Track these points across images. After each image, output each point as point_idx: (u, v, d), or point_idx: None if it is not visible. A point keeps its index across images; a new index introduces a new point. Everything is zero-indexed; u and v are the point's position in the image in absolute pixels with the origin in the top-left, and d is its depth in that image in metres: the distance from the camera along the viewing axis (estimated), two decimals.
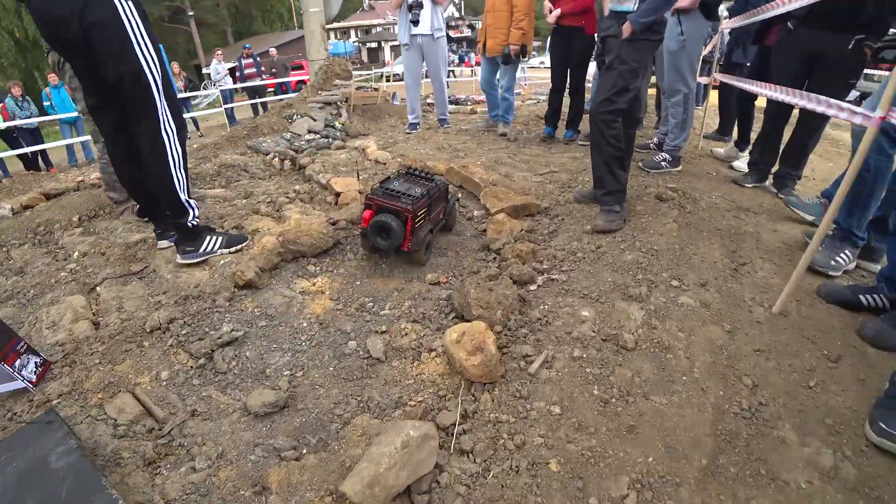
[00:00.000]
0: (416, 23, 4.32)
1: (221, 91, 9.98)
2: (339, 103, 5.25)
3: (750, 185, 3.12)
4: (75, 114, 7.22)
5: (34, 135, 7.74)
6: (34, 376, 1.62)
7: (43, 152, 7.83)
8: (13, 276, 2.37)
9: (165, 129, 2.00)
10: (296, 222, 2.27)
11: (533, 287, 1.86)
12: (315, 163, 3.52)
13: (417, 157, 3.64)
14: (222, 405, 1.51)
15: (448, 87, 5.62)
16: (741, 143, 3.99)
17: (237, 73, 10.70)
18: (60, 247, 2.67)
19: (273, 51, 12.13)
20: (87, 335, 1.82)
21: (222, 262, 2.24)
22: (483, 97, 5.25)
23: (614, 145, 2.26)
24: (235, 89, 10.79)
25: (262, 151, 4.22)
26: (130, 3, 1.82)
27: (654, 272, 1.93)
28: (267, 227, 2.58)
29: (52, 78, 7.76)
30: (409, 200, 1.88)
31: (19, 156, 7.47)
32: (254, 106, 10.04)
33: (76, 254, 2.53)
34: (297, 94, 6.11)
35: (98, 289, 2.18)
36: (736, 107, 4.06)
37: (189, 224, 2.16)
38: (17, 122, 7.25)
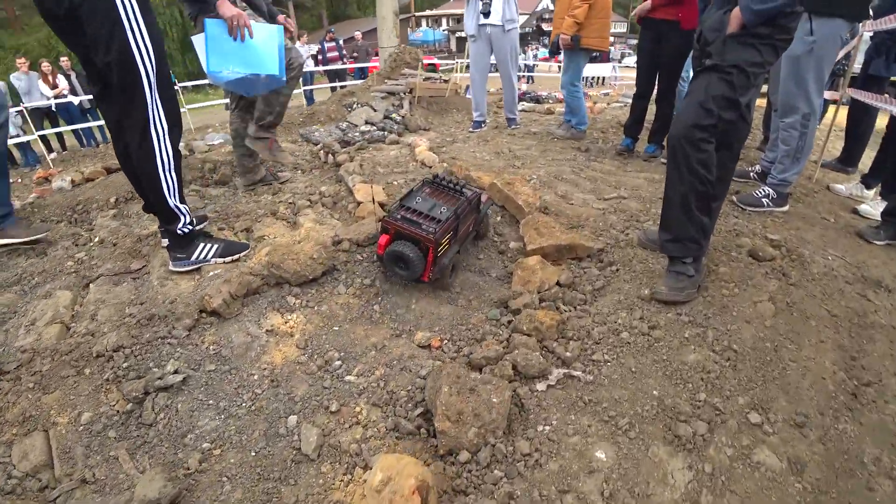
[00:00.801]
0: (486, 14, 3.83)
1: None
2: (402, 94, 4.92)
3: (881, 243, 2.26)
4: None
5: (87, 112, 8.49)
6: None
7: (88, 129, 8.59)
8: (34, 256, 2.36)
9: (155, 125, 1.78)
10: (305, 232, 1.97)
11: (541, 386, 1.36)
12: (353, 161, 3.22)
13: (468, 163, 3.19)
14: (121, 477, 1.25)
15: (519, 82, 5.04)
16: (870, 179, 3.02)
17: (319, 56, 10.85)
18: (89, 229, 2.66)
19: (359, 34, 12.17)
20: (47, 345, 1.68)
21: (212, 272, 2.02)
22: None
23: (700, 176, 1.62)
24: (317, 72, 10.99)
25: (312, 141, 4.04)
26: None
27: (725, 392, 1.33)
28: (274, 236, 2.32)
29: None
30: (431, 226, 1.59)
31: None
32: (333, 89, 10.16)
33: (96, 239, 2.48)
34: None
35: (91, 286, 2.07)
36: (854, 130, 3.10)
37: (179, 231, 1.96)
38: (67, 99, 7.93)
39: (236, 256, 2.09)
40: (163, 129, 1.80)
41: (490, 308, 1.81)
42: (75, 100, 7.86)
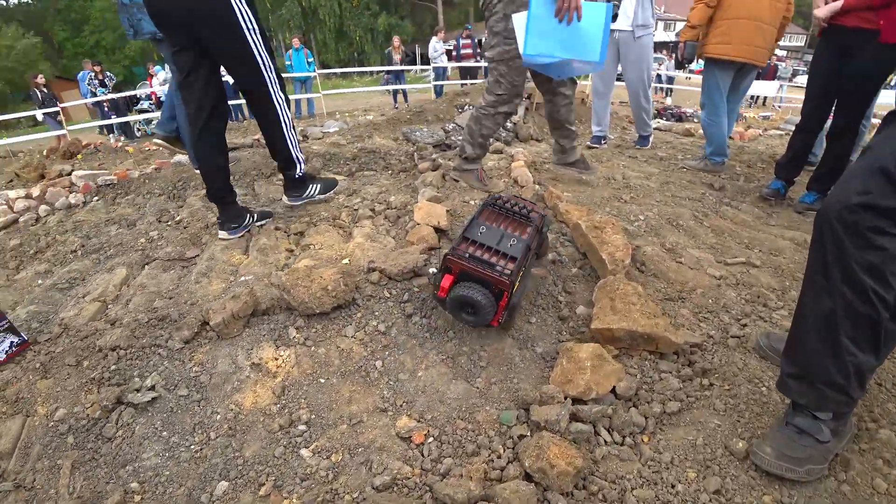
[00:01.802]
0: (614, 16, 3.20)
1: (435, 69, 10.22)
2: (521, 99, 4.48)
3: None
4: (310, 74, 8.54)
5: None
6: (3, 355, 1.58)
7: None
8: (123, 227, 2.56)
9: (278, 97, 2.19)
10: (352, 247, 1.79)
11: None
12: (436, 170, 2.95)
13: (565, 187, 2.70)
14: (51, 492, 1.18)
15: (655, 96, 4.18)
16: None
17: (454, 53, 10.76)
18: (179, 206, 2.83)
19: None
20: (78, 324, 1.74)
21: (244, 278, 1.94)
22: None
23: (863, 288, 0.97)
24: (449, 68, 10.94)
25: (411, 140, 3.87)
26: None
27: None
28: (320, 246, 2.18)
29: (296, 41, 9.29)
30: (504, 265, 1.37)
31: None
32: (463, 86, 10.05)
33: (177, 218, 2.61)
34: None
35: (145, 268, 2.14)
36: None
37: (296, 176, 2.39)
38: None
39: (331, 193, 2.61)
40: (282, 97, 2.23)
41: (508, 405, 1.38)
42: (230, 79, 9.01)
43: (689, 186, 2.94)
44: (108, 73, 9.71)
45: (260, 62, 2.06)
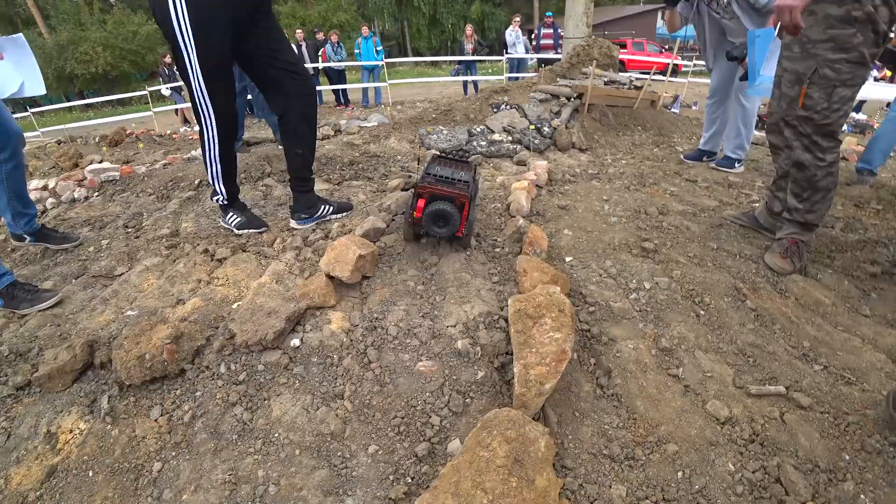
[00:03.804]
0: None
1: (509, 59, 9.25)
2: (568, 99, 3.66)
3: None
4: (378, 63, 8.31)
5: (340, 76, 9.29)
6: None
7: (344, 91, 9.37)
8: (93, 231, 2.50)
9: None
10: (251, 289, 1.42)
11: None
12: (406, 190, 2.42)
13: (556, 228, 2.02)
14: None
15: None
16: None
17: (533, 43, 9.60)
18: (159, 209, 2.72)
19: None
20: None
21: (130, 313, 1.69)
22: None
23: None
24: (529, 59, 9.84)
25: (426, 144, 3.36)
26: None
27: None
28: (225, 280, 1.86)
29: (364, 30, 9.05)
30: (463, 186, 1.69)
31: (333, 91, 9.19)
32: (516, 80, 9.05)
33: (144, 224, 2.49)
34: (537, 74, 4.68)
35: (72, 283, 2.02)
36: None
37: (218, 202, 2.17)
38: (332, 64, 8.90)
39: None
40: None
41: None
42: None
43: (747, 236, 2.01)
44: (167, 62, 10.20)
45: (186, 62, 1.72)
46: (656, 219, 2.18)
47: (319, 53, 9.11)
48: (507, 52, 9.24)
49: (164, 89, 9.16)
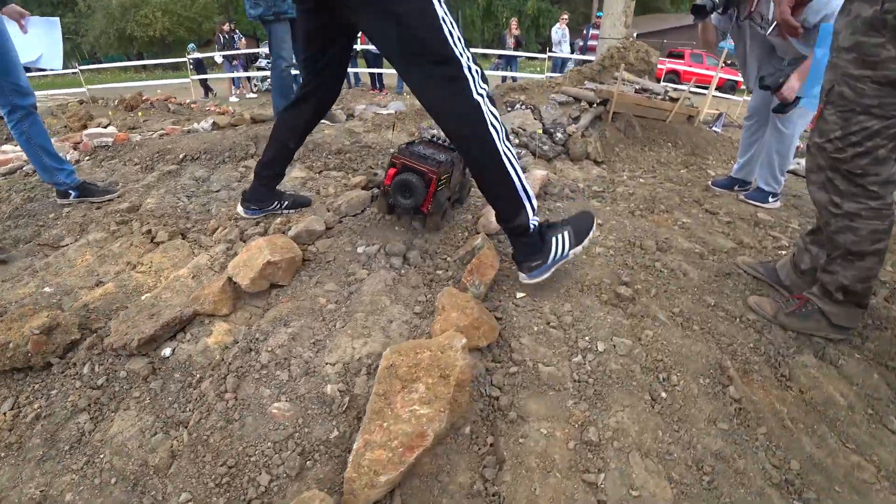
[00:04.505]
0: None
1: (553, 58, 8.61)
2: (590, 104, 3.23)
3: None
4: None
5: (377, 59, 8.97)
6: None
7: (380, 75, 9.07)
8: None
9: None
10: (174, 279, 1.26)
11: None
12: (369, 191, 2.14)
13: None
14: None
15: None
16: None
17: (580, 44, 8.89)
18: (137, 180, 2.62)
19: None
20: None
21: (47, 288, 1.56)
22: None
23: None
24: (571, 60, 9.12)
25: (425, 138, 3.07)
26: None
27: None
28: (149, 266, 1.69)
29: None
30: (434, 163, 1.66)
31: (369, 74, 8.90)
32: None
33: (114, 194, 2.39)
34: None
35: (18, 247, 1.94)
36: None
37: (530, 225, 1.41)
38: (369, 47, 8.56)
39: (592, 233, 1.48)
40: None
41: None
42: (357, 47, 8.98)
43: (759, 291, 1.58)
44: (238, 33, 10.27)
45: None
46: (650, 256, 1.78)
47: (359, 35, 8.92)
48: (550, 51, 8.66)
49: (218, 56, 9.33)
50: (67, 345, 1.29)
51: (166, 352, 1.26)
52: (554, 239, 1.39)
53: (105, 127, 3.18)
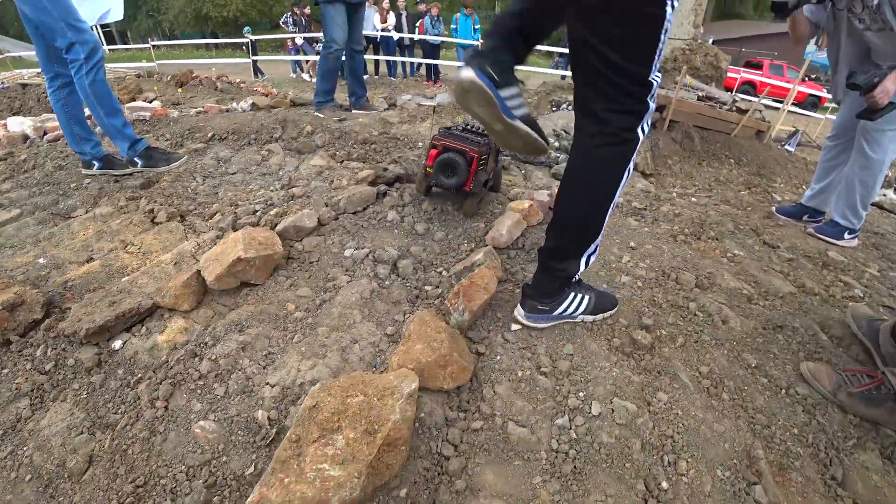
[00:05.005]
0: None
1: None
2: None
3: None
4: (473, 42, 7.86)
5: (434, 50, 8.80)
6: None
7: (435, 67, 8.84)
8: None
9: None
10: (154, 265, 1.21)
11: None
12: (375, 185, 1.97)
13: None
14: None
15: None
16: None
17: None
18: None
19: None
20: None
21: (41, 260, 1.56)
22: None
23: None
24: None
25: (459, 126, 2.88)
26: None
27: None
28: (139, 248, 1.64)
29: (468, 9, 8.44)
30: (474, 143, 1.69)
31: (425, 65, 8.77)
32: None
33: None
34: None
35: (35, 215, 1.97)
36: None
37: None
38: (427, 37, 8.47)
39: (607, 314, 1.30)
40: None
41: None
42: (396, 35, 8.80)
43: (816, 354, 1.25)
44: (306, 13, 10.36)
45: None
46: (685, 293, 1.49)
47: (417, 24, 8.84)
48: None
49: (299, 38, 9.60)
50: (30, 323, 1.25)
51: (117, 344, 1.17)
52: (573, 294, 1.22)
53: (150, 101, 3.26)
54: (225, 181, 2.22)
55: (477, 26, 8.66)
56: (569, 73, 8.39)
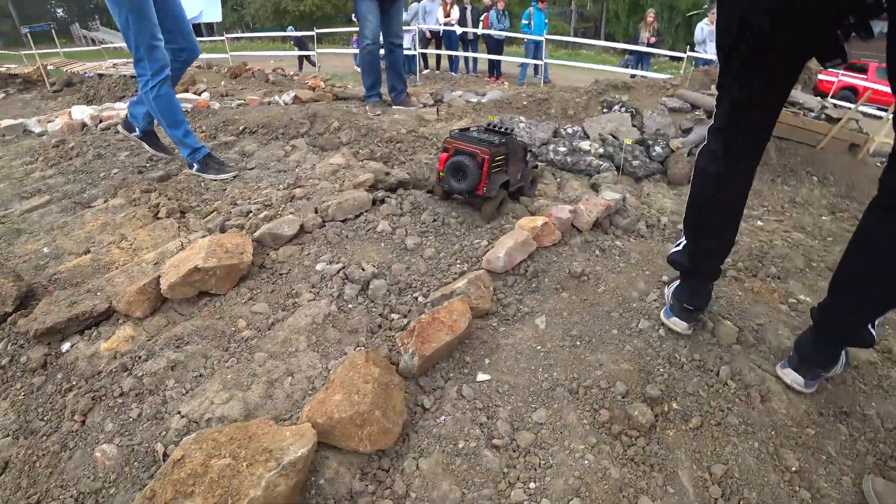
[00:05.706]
0: None
1: (693, 58, 7.10)
2: (708, 116, 2.45)
3: None
4: (538, 38, 7.39)
5: (498, 45, 8.31)
6: None
7: (498, 63, 8.34)
8: (132, 157, 2.57)
9: None
10: (140, 261, 1.23)
11: None
12: (372, 190, 1.82)
13: (571, 319, 1.26)
14: None
15: None
16: None
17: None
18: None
19: None
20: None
21: (46, 249, 1.63)
22: None
23: None
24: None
25: (481, 126, 2.66)
26: None
27: None
28: (132, 243, 1.65)
29: (542, 3, 7.87)
30: (486, 144, 1.63)
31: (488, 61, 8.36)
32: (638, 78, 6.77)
33: (156, 160, 2.48)
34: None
35: (60, 203, 2.09)
36: None
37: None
38: (492, 32, 8.02)
39: None
40: None
41: None
42: (459, 30, 8.44)
43: (875, 452, 0.91)
44: None
45: None
46: (721, 352, 1.18)
47: (482, 18, 8.53)
48: (688, 51, 7.19)
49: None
50: (0, 316, 1.26)
51: (66, 346, 1.15)
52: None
53: (199, 94, 3.39)
54: (239, 177, 2.21)
55: (546, 20, 8.20)
56: (639, 72, 7.68)
